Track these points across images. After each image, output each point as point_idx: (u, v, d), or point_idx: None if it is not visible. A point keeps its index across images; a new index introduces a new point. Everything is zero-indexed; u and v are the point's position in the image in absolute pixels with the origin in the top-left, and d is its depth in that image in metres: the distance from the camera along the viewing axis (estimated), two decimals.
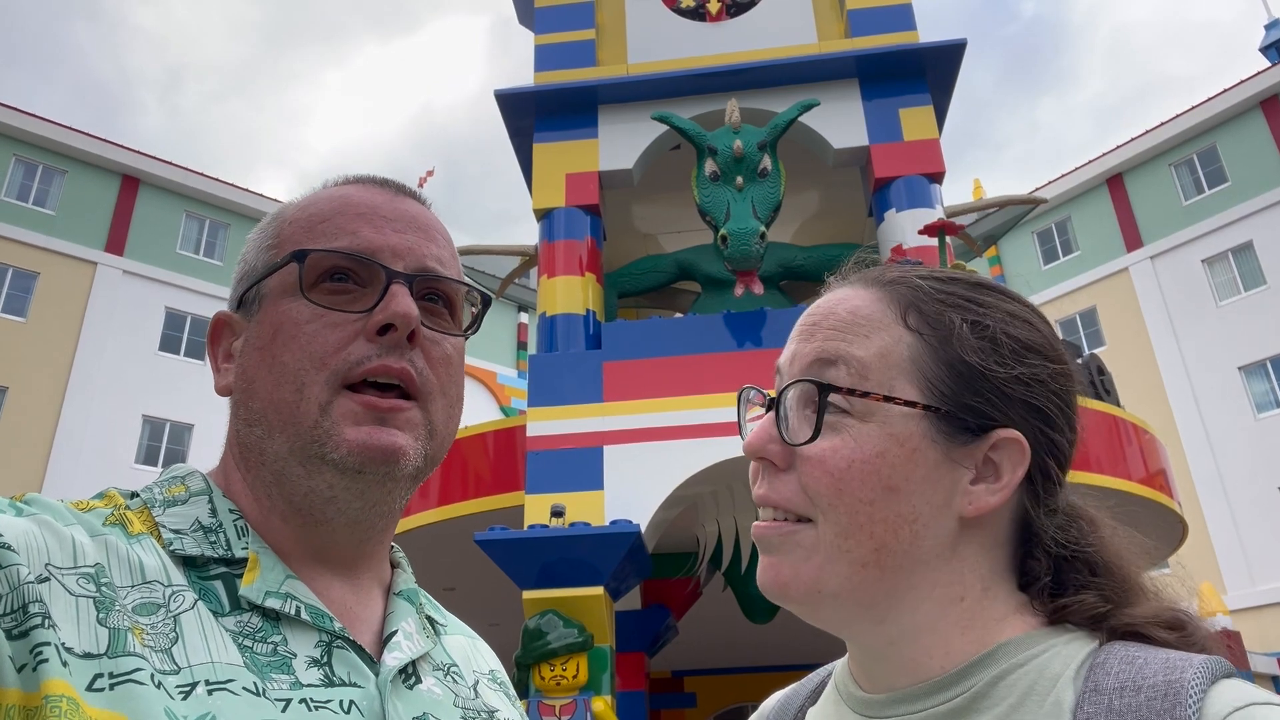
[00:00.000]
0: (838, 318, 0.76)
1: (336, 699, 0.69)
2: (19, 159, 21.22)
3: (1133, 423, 7.23)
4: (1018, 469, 0.72)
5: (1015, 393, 0.73)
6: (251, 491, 0.79)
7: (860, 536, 0.70)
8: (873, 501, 0.70)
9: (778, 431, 0.74)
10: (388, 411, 0.76)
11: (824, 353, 0.74)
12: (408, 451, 0.76)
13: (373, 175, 0.89)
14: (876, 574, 0.70)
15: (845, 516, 0.70)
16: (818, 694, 0.88)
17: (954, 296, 0.76)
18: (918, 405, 0.71)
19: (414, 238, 0.83)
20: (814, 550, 0.71)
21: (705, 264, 7.13)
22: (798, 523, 0.72)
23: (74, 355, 20.48)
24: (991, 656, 0.70)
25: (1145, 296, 23.87)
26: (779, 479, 0.74)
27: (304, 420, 0.75)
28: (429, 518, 6.69)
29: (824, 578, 0.71)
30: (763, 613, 6.54)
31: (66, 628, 0.60)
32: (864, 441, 0.71)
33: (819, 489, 0.71)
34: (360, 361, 0.76)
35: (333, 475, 0.75)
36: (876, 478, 0.70)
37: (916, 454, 0.71)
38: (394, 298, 0.77)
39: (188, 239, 23.29)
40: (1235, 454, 21.36)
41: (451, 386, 0.83)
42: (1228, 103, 22.96)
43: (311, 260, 0.79)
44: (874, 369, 0.73)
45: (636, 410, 6.09)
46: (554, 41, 7.73)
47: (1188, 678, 0.61)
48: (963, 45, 7.09)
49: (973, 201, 8.42)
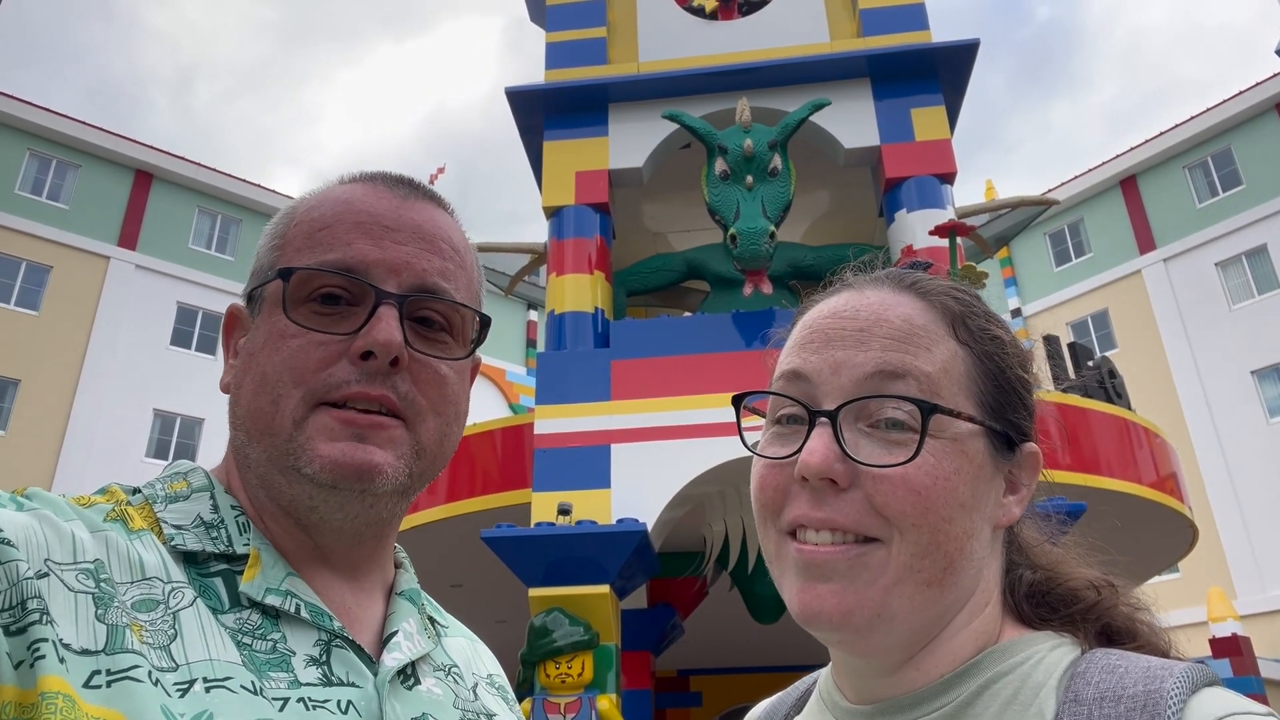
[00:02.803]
0: (892, 326, 0.72)
1: (334, 699, 0.68)
2: (33, 153, 21.33)
3: (1144, 426, 7.19)
4: (1034, 479, 0.74)
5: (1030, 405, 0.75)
6: (246, 490, 0.79)
7: (936, 555, 0.68)
8: (951, 519, 0.68)
9: (840, 449, 0.69)
10: (367, 428, 0.74)
11: (887, 364, 0.70)
12: (384, 470, 0.74)
13: (387, 173, 0.86)
14: (938, 593, 0.69)
15: (927, 536, 0.67)
16: (802, 704, 0.88)
17: (984, 311, 0.77)
18: (984, 424, 0.71)
19: (414, 250, 0.80)
20: (881, 573, 0.68)
21: (714, 263, 7.11)
22: (864, 543, 0.68)
23: (86, 349, 20.59)
24: (978, 665, 0.70)
25: (1158, 299, 23.73)
26: (841, 499, 0.69)
27: (279, 432, 0.74)
28: (436, 514, 6.71)
29: (890, 601, 0.68)
30: (768, 613, 6.53)
31: (65, 624, 0.60)
32: (944, 458, 0.69)
33: (903, 509, 0.67)
34: (340, 385, 0.74)
35: (310, 487, 0.74)
36: (955, 495, 0.68)
37: (981, 470, 0.71)
38: (378, 322, 0.75)
39: (200, 234, 23.38)
40: (1247, 458, 21.22)
41: (446, 405, 0.80)
42: (1243, 105, 22.80)
43: (298, 278, 0.77)
44: (942, 385, 0.71)
45: (644, 409, 6.09)
46: (565, 39, 7.73)
47: (1167, 687, 0.61)
48: (976, 45, 7.05)
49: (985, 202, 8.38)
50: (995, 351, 0.73)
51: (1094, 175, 25.55)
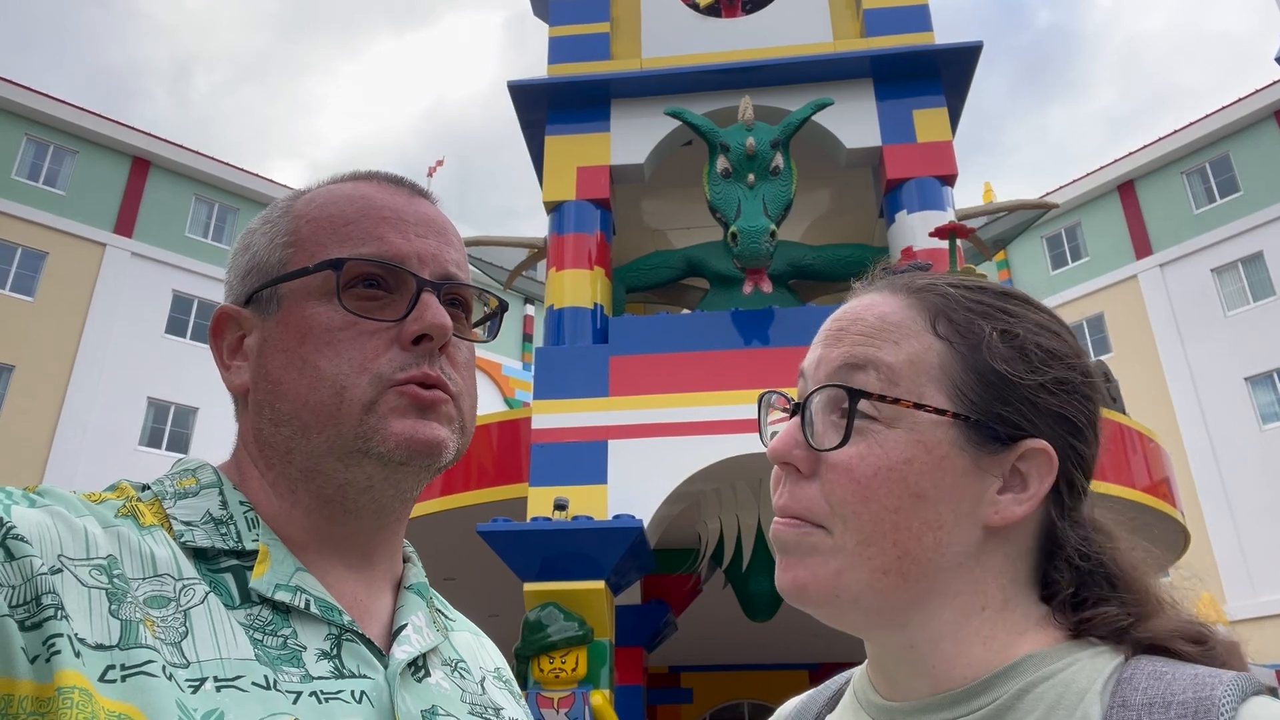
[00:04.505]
0: (866, 323, 0.76)
1: (347, 690, 0.69)
2: (30, 138, 21.26)
3: (1138, 431, 7.22)
4: (1045, 480, 0.72)
5: (1044, 403, 0.73)
6: (272, 487, 0.79)
7: (883, 544, 0.69)
8: (898, 509, 0.69)
9: (804, 437, 0.74)
10: (430, 404, 0.78)
11: (852, 358, 0.74)
12: (448, 444, 0.79)
13: (385, 172, 0.89)
14: (898, 580, 0.70)
15: (869, 524, 0.69)
16: (835, 700, 0.88)
17: (983, 305, 0.76)
18: (948, 413, 0.71)
19: (436, 243, 0.84)
20: (832, 555, 0.71)
21: (714, 261, 7.12)
22: (816, 527, 0.72)
23: (81, 336, 20.53)
24: (1017, 668, 0.69)
25: (1153, 304, 23.79)
26: (801, 486, 0.73)
27: (346, 420, 0.76)
28: (431, 507, 6.71)
29: (843, 583, 0.70)
30: (762, 611, 6.55)
31: (79, 619, 0.60)
32: (891, 448, 0.70)
33: (844, 496, 0.70)
34: (402, 367, 0.77)
35: (373, 467, 0.77)
36: (903, 484, 0.69)
37: (945, 461, 0.70)
38: (427, 307, 0.79)
39: (197, 222, 23.32)
40: (1239, 464, 21.30)
41: (472, 386, 0.86)
42: (1242, 112, 22.86)
43: (347, 268, 0.79)
44: (904, 375, 0.72)
45: (642, 405, 6.10)
46: (568, 34, 7.72)
47: (1218, 694, 0.61)
48: (979, 47, 7.06)
49: (984, 205, 8.39)
50: (978, 344, 0.73)
51: (1092, 180, 25.60)
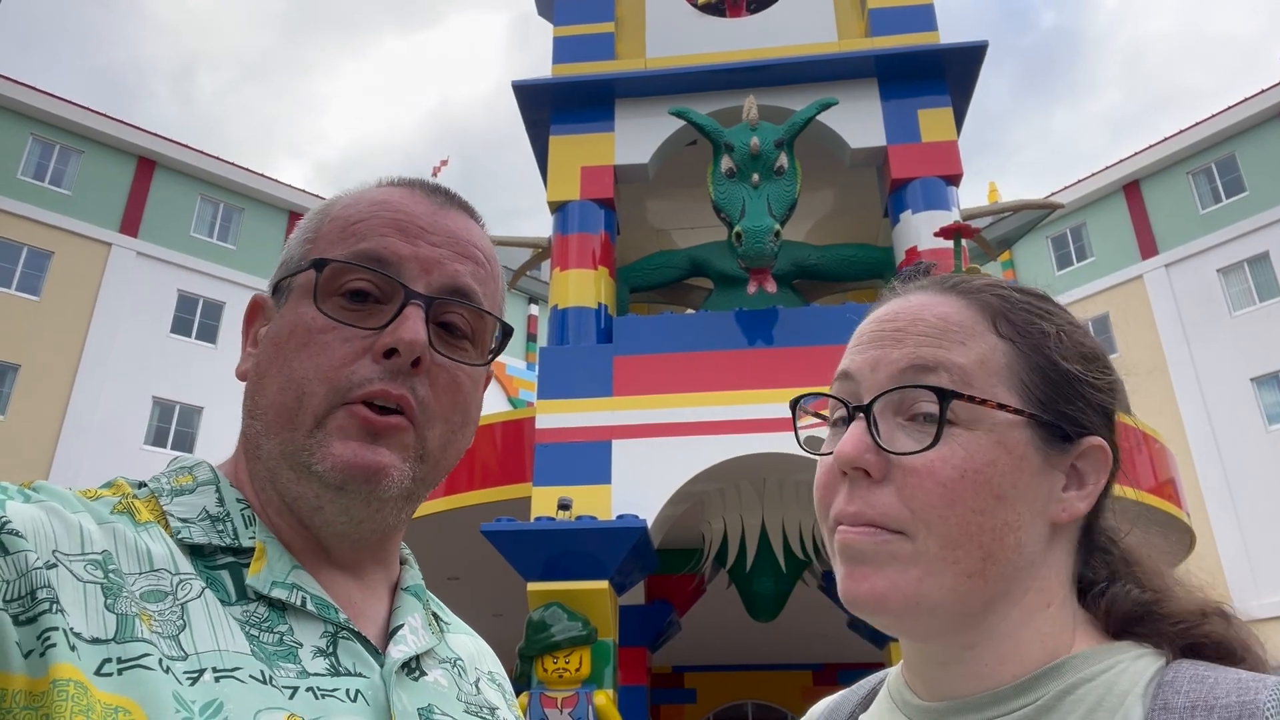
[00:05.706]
0: (928, 324, 0.75)
1: (343, 687, 0.69)
2: (36, 138, 21.32)
3: (1143, 431, 7.20)
4: (1101, 476, 0.75)
5: (1096, 400, 0.76)
6: (252, 483, 0.79)
7: (969, 547, 0.69)
8: (983, 511, 0.69)
9: (873, 440, 0.71)
10: (382, 430, 0.75)
11: (919, 359, 0.73)
12: (391, 472, 0.75)
13: (424, 180, 0.88)
14: (980, 583, 0.69)
15: (955, 528, 0.68)
16: (869, 700, 0.88)
17: (1035, 305, 0.77)
18: (1024, 413, 0.71)
19: (446, 252, 0.81)
20: (913, 562, 0.69)
21: (718, 260, 7.11)
22: (894, 534, 0.70)
23: (86, 335, 20.59)
24: (1059, 669, 0.70)
25: (1159, 304, 23.73)
26: (873, 492, 0.71)
27: (299, 428, 0.75)
28: (435, 506, 6.71)
29: (924, 590, 0.69)
30: (766, 611, 6.54)
31: (75, 613, 0.60)
32: (975, 450, 0.70)
33: (928, 501, 0.69)
34: (362, 382, 0.75)
35: (318, 487, 0.75)
36: (988, 487, 0.69)
37: (1023, 461, 0.71)
38: (404, 321, 0.76)
39: (202, 222, 23.36)
40: (1245, 465, 21.24)
41: (455, 414, 0.81)
42: (1248, 111, 22.79)
43: (330, 270, 0.78)
44: (976, 376, 0.72)
45: (646, 405, 6.09)
46: (573, 34, 7.72)
47: (1262, 699, 0.61)
48: (984, 47, 7.05)
49: (988, 205, 8.37)
50: (1042, 344, 0.74)
51: (1097, 180, 25.54)
